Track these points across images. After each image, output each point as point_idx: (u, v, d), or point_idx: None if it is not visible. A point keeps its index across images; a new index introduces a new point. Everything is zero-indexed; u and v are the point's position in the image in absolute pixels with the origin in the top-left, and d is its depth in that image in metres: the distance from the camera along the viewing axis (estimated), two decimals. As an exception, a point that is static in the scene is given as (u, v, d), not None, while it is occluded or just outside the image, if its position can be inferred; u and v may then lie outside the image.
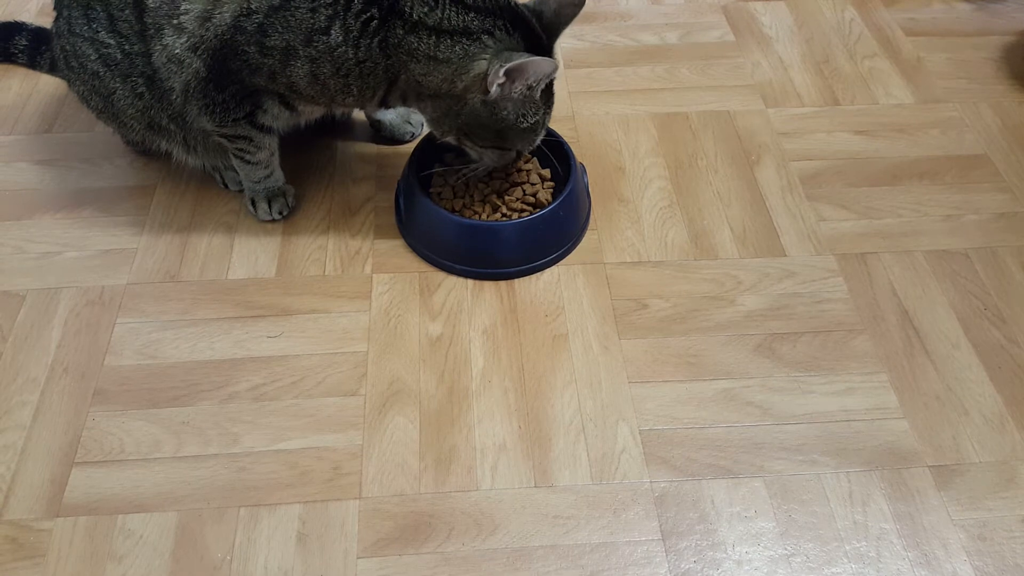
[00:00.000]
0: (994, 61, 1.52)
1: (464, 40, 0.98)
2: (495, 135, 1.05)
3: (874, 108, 1.43)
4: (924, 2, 1.66)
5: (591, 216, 1.25)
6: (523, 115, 1.02)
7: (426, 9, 0.98)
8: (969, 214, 1.26)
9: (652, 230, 1.24)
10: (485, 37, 0.98)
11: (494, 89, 0.97)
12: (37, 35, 1.44)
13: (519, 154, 1.15)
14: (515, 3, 1.02)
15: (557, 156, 1.23)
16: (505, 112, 1.01)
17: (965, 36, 1.58)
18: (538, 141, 1.11)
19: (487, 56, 0.98)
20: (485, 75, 0.98)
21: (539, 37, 1.02)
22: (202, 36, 1.02)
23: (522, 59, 0.94)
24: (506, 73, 0.95)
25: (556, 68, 0.96)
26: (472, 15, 0.98)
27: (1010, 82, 1.48)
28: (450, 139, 1.09)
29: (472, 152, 1.11)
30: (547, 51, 1.03)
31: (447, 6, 0.98)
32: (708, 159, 1.34)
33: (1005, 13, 1.63)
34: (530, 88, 0.99)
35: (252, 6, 0.99)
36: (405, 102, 1.08)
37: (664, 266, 1.19)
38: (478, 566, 0.90)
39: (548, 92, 1.06)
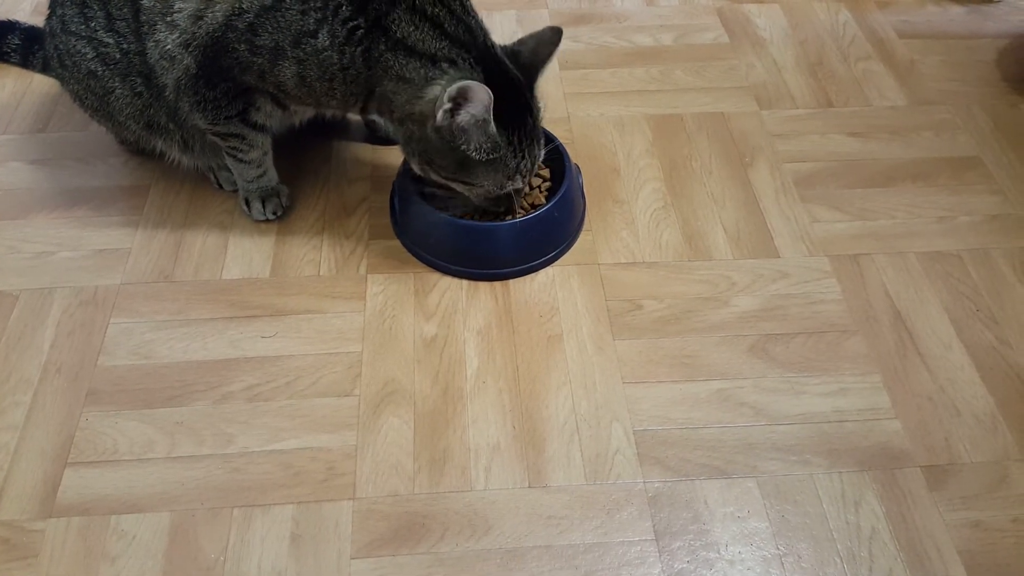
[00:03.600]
0: (987, 63, 1.53)
1: (429, 64, 0.99)
2: (456, 166, 1.03)
3: (867, 110, 1.44)
4: (917, 5, 1.66)
5: (586, 217, 1.26)
6: (480, 148, 1.01)
7: (411, 29, 0.99)
8: (962, 216, 1.27)
9: (646, 231, 1.24)
10: (446, 65, 0.99)
11: (440, 115, 0.97)
12: (30, 34, 1.43)
13: (506, 199, 1.11)
14: (491, 42, 1.03)
15: (552, 157, 1.23)
16: (461, 142, 1.00)
17: (958, 39, 1.58)
18: (512, 185, 1.07)
19: (442, 83, 0.98)
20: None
21: (509, 77, 1.02)
22: (194, 33, 1.02)
23: (461, 83, 0.94)
24: (450, 99, 0.95)
25: (490, 96, 0.94)
26: (445, 43, 0.99)
27: (1003, 84, 1.49)
28: (416, 166, 1.08)
29: (453, 185, 1.09)
30: (519, 90, 1.03)
31: (426, 29, 0.99)
32: (702, 160, 1.35)
33: (998, 16, 1.63)
34: (475, 117, 0.97)
35: (244, 6, 0.99)
36: (380, 114, 1.08)
37: (658, 267, 1.19)
38: (472, 566, 0.90)
39: (520, 132, 1.03)
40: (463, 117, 0.98)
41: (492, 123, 0.99)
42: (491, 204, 1.13)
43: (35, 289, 1.16)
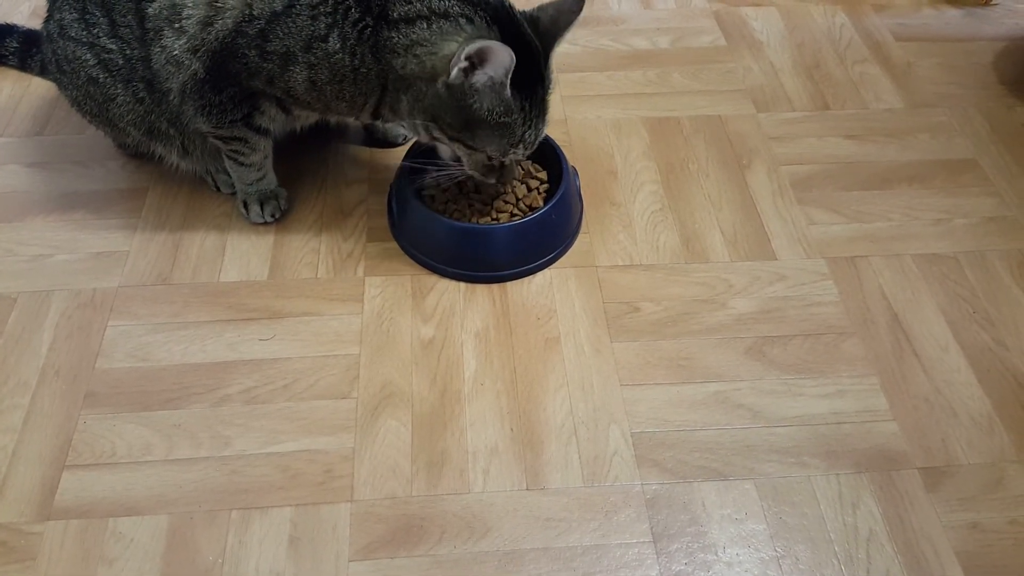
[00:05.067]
0: (983, 66, 1.53)
1: (442, 20, 0.97)
2: (463, 125, 1.01)
3: (864, 113, 1.44)
4: (914, 8, 1.67)
5: (583, 219, 1.26)
6: (492, 111, 0.99)
7: (406, 8, 0.98)
8: (958, 218, 1.27)
9: (644, 233, 1.24)
10: (463, 21, 0.97)
11: (455, 73, 0.95)
12: (28, 37, 1.43)
13: (500, 170, 1.10)
14: (509, 4, 1.02)
15: (549, 159, 1.24)
16: (473, 101, 0.98)
17: (955, 41, 1.59)
18: (513, 154, 1.05)
19: (460, 39, 0.96)
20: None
21: (526, 41, 1.00)
22: (203, 39, 1.02)
23: (482, 43, 0.92)
24: (467, 58, 0.93)
25: (513, 60, 0.93)
26: (453, 1, 0.98)
27: (999, 87, 1.49)
28: (422, 134, 1.06)
29: (442, 148, 1.09)
30: (535, 57, 1.01)
31: None
32: (699, 163, 1.35)
33: (994, 19, 1.64)
34: (492, 79, 0.96)
35: (254, 12, 0.99)
36: (394, 112, 1.06)
37: (655, 269, 1.20)
38: (470, 569, 0.90)
39: (531, 100, 1.02)
40: (479, 77, 0.96)
41: (508, 87, 0.97)
42: (486, 173, 1.10)
43: (33, 292, 1.16)
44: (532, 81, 1.01)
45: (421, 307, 1.15)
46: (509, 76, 0.96)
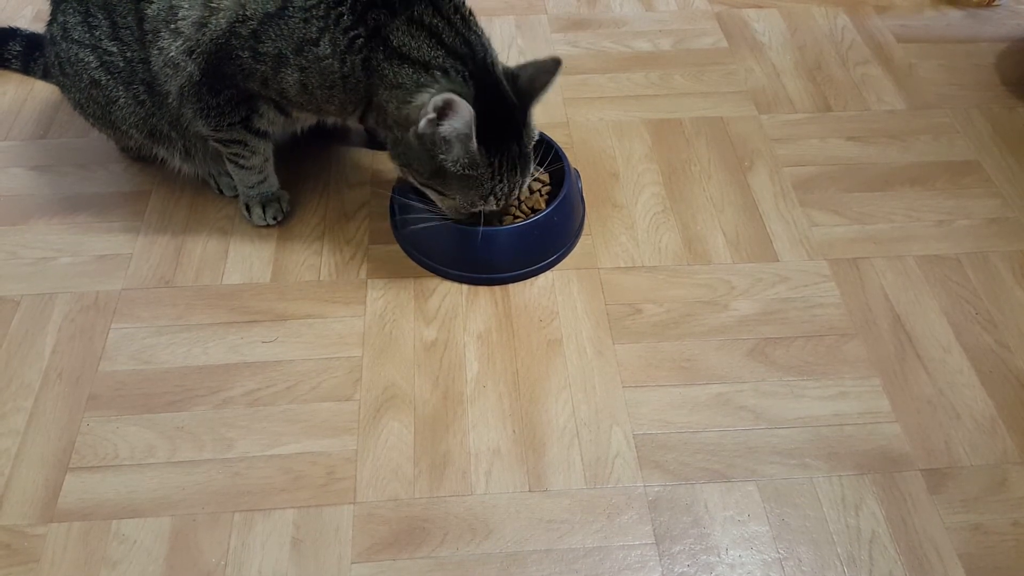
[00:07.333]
0: (985, 67, 1.53)
1: (421, 71, 0.99)
2: (432, 173, 1.03)
3: (866, 114, 1.44)
4: (916, 9, 1.67)
5: (585, 222, 1.26)
6: (458, 162, 1.00)
7: (407, 39, 0.99)
8: (960, 219, 1.27)
9: (646, 235, 1.24)
10: (438, 73, 0.99)
11: (423, 123, 0.97)
12: (31, 41, 1.44)
13: (478, 217, 1.10)
14: (493, 60, 1.03)
15: (551, 162, 1.24)
16: (440, 151, 1.00)
17: (956, 43, 1.59)
18: (484, 206, 1.06)
19: (432, 91, 0.98)
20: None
21: (504, 98, 1.02)
22: (198, 40, 1.03)
23: (446, 96, 0.93)
24: (434, 108, 0.95)
25: (472, 115, 0.94)
26: (440, 52, 0.99)
27: (1001, 88, 1.49)
28: (397, 170, 1.07)
29: (426, 191, 1.09)
30: (511, 113, 1.02)
31: (423, 39, 0.99)
32: (701, 165, 1.35)
33: (996, 20, 1.64)
34: (457, 131, 0.97)
35: (247, 13, 1.00)
36: (377, 124, 1.08)
37: (658, 271, 1.20)
38: (472, 571, 0.90)
39: (503, 156, 1.02)
40: (446, 128, 0.97)
41: (474, 140, 0.98)
42: (463, 218, 1.12)
43: (36, 295, 1.16)
44: (507, 137, 1.02)
45: (423, 309, 1.15)
46: (472, 129, 0.96)
